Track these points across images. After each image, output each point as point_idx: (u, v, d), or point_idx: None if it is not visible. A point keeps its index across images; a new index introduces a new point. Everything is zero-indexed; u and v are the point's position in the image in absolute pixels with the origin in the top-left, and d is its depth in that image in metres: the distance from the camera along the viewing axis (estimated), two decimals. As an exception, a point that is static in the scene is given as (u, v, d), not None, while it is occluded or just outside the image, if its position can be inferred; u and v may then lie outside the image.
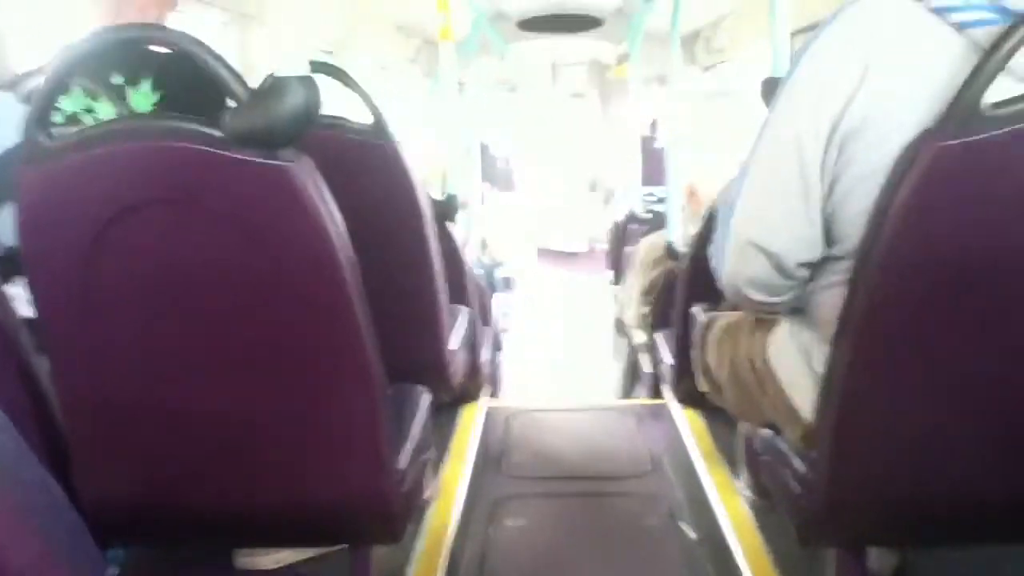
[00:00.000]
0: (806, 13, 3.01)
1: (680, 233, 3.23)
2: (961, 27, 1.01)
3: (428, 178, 5.04)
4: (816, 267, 1.19)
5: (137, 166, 1.07)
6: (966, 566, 1.54)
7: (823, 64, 1.09)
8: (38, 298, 1.15)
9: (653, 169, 5.79)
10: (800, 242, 1.15)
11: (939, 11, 1.02)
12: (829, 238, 1.15)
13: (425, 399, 1.60)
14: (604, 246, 7.47)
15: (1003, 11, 1.00)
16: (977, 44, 1.00)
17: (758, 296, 1.23)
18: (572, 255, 9.41)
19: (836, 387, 1.14)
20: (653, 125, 7.15)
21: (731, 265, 1.22)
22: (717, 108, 6.80)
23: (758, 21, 4.79)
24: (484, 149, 7.00)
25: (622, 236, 5.32)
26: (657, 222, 4.50)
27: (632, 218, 5.15)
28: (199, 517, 1.27)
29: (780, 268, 1.17)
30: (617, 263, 5.34)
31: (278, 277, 1.10)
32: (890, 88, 1.03)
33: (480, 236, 5.17)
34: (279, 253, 1.09)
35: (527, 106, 7.79)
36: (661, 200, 5.22)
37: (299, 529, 1.32)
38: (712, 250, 1.28)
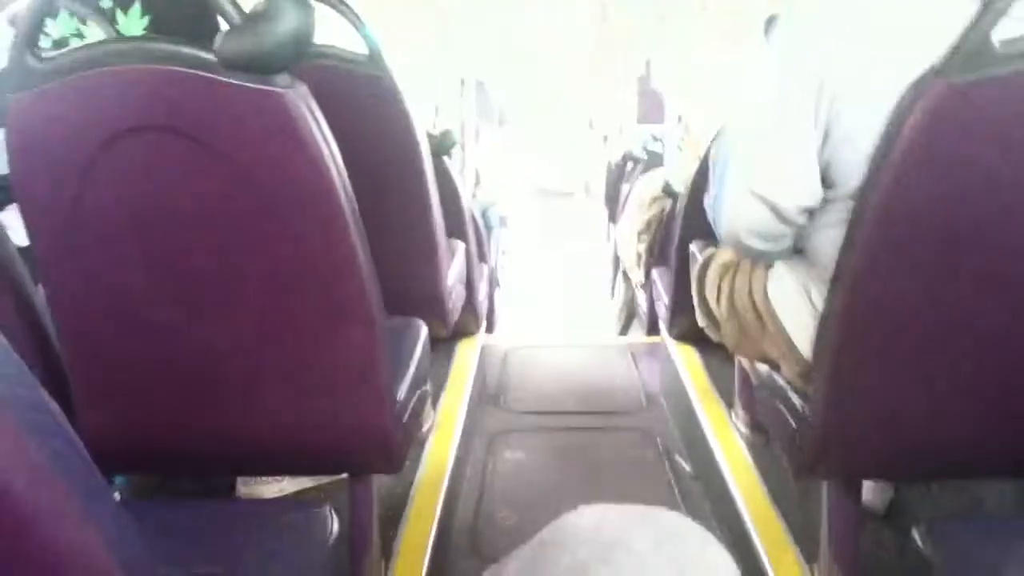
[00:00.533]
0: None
1: (677, 171, 3.21)
2: None
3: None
4: (813, 210, 1.19)
5: (128, 90, 1.04)
6: (959, 501, 1.56)
7: (811, 16, 1.10)
8: (30, 226, 1.13)
9: (649, 108, 5.75)
10: (798, 189, 1.16)
11: None
12: (826, 182, 1.16)
13: (423, 332, 1.60)
14: (600, 186, 7.45)
15: None
16: None
17: (758, 244, 1.23)
18: (567, 195, 9.38)
19: (833, 324, 1.15)
20: (647, 65, 7.06)
21: (730, 214, 1.23)
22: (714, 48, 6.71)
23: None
24: (479, 86, 6.91)
25: (619, 175, 5.29)
26: (654, 161, 4.47)
27: (629, 157, 5.11)
28: (199, 446, 1.27)
29: (779, 215, 1.18)
30: (613, 202, 5.32)
31: (273, 205, 1.08)
32: (884, 34, 1.04)
33: (473, 173, 5.13)
34: (273, 180, 1.07)
35: (524, 43, 7.65)
36: (657, 140, 5.20)
37: (299, 459, 1.33)
38: (709, 201, 1.28)
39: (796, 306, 1.28)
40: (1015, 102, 0.97)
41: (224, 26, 1.02)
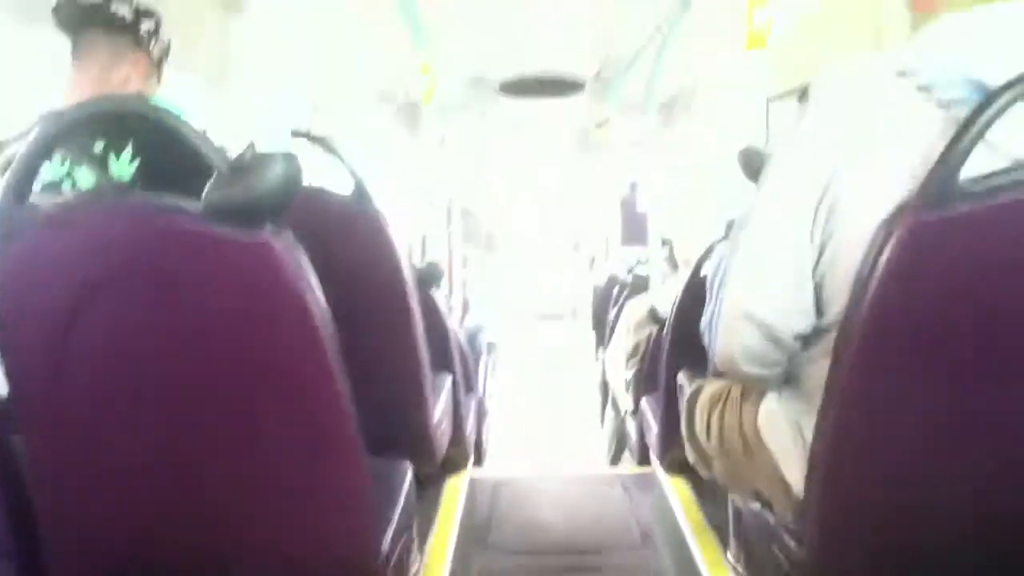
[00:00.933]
0: (782, 81, 3.07)
1: (663, 296, 3.23)
2: (945, 106, 1.03)
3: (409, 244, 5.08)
4: (805, 339, 1.19)
5: (115, 240, 1.05)
6: None
7: (811, 140, 1.12)
8: (11, 373, 1.11)
9: (633, 231, 5.84)
10: (793, 311, 1.15)
11: (923, 88, 1.04)
12: (817, 308, 1.16)
13: (408, 474, 1.57)
14: (587, 307, 7.49)
15: (983, 89, 1.01)
16: (958, 121, 1.01)
17: (751, 369, 1.22)
18: (556, 317, 9.43)
19: (822, 460, 1.13)
20: (633, 187, 7.24)
21: (725, 338, 1.22)
22: (695, 172, 6.90)
23: (735, 88, 4.90)
24: (466, 212, 7.05)
25: (605, 299, 5.32)
26: (639, 284, 4.51)
27: (615, 281, 5.16)
28: None
29: (774, 339, 1.17)
30: (601, 326, 5.33)
31: (257, 353, 1.07)
32: (878, 162, 1.05)
33: (462, 300, 5.16)
34: (258, 329, 1.07)
35: (509, 167, 7.86)
36: (641, 263, 5.27)
37: None
38: (704, 324, 1.28)
39: (787, 442, 1.26)
40: (983, 236, 0.99)
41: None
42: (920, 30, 1.11)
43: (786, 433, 1.26)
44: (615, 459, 3.95)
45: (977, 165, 0.97)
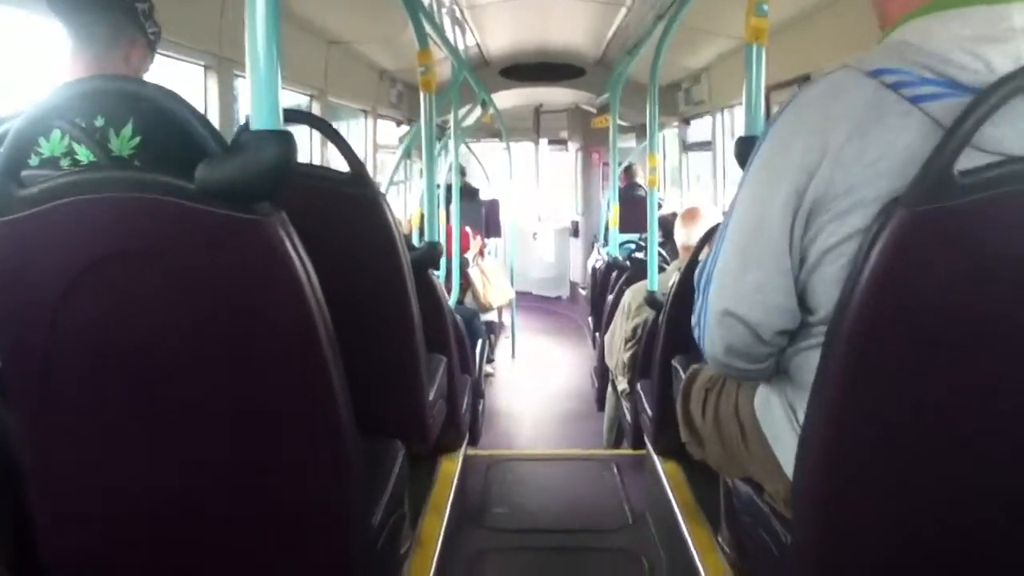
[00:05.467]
0: (783, 69, 3.04)
1: (661, 282, 3.23)
2: (915, 102, 1.03)
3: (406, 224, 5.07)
4: (794, 332, 1.20)
5: (109, 217, 1.05)
6: None
7: (785, 141, 1.13)
8: (2, 351, 1.12)
9: (632, 216, 5.81)
10: (775, 312, 1.16)
11: (893, 87, 1.05)
12: (805, 306, 1.17)
13: (400, 454, 1.58)
14: (585, 291, 7.50)
15: (953, 85, 1.02)
16: (932, 118, 1.02)
17: (739, 363, 1.23)
18: (555, 299, 9.45)
19: (813, 448, 1.13)
20: (630, 171, 7.20)
21: (710, 334, 1.23)
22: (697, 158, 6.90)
23: (736, 76, 4.88)
24: (473, 193, 7.02)
25: (603, 282, 5.31)
26: (639, 269, 4.49)
27: (613, 264, 5.14)
28: None
29: (758, 336, 1.18)
30: (599, 309, 5.32)
31: (249, 332, 1.08)
32: (851, 161, 1.06)
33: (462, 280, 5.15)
34: (251, 308, 1.07)
35: (510, 150, 7.85)
36: (640, 248, 5.25)
37: None
38: (694, 321, 1.29)
39: (782, 425, 1.26)
40: (977, 229, 0.99)
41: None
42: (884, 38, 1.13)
43: (780, 416, 1.27)
44: (617, 443, 3.96)
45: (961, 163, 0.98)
